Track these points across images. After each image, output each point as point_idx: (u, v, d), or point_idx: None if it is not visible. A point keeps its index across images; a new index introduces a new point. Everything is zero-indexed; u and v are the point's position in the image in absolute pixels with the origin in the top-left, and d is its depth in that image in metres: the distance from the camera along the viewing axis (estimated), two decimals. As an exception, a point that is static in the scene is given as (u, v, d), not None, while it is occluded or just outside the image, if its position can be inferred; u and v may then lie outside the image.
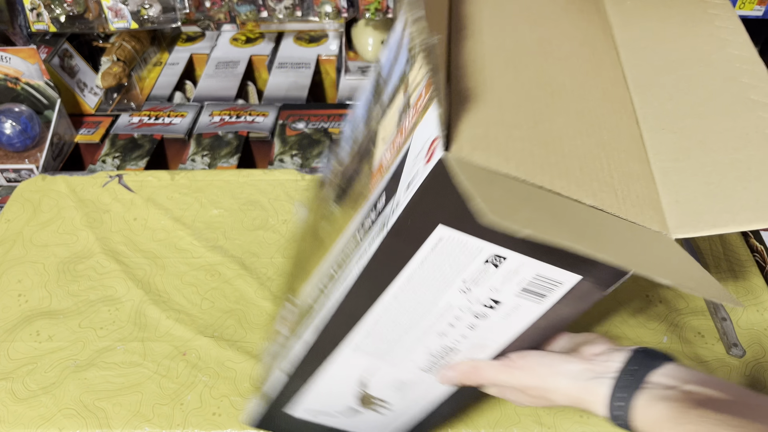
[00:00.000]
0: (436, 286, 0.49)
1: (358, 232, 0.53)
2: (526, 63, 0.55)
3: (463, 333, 0.52)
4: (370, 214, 0.51)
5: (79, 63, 1.35)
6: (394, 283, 0.49)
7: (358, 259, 0.50)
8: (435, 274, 0.48)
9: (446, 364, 0.56)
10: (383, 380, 0.60)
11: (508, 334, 0.52)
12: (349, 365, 0.58)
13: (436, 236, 0.45)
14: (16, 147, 1.19)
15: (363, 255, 0.49)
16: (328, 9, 1.21)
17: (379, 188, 0.51)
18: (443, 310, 0.51)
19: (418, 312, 0.51)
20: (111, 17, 1.19)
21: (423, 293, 0.50)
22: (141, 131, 1.24)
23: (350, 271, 0.51)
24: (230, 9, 1.22)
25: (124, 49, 1.35)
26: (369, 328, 0.54)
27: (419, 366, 0.57)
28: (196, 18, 1.24)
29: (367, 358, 0.57)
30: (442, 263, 0.47)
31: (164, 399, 0.78)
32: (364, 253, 0.49)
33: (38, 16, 1.20)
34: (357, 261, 0.50)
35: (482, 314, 0.50)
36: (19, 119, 1.17)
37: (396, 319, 0.52)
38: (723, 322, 0.82)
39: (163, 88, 1.39)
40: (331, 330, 0.55)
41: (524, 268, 0.45)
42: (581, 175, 0.46)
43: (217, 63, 1.45)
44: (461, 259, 0.46)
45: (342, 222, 0.60)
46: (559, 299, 0.48)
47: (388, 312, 0.52)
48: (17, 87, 1.21)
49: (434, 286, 0.49)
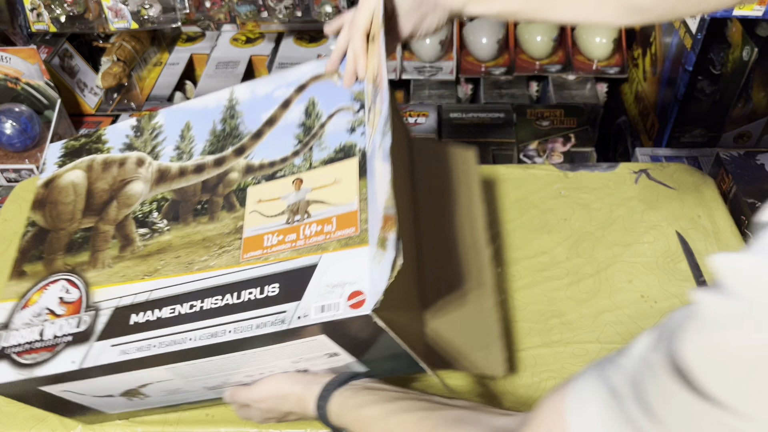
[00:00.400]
0: (279, 353, 0.62)
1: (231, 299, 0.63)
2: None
3: (261, 373, 0.66)
4: (247, 294, 0.62)
5: (79, 63, 1.35)
6: (254, 349, 0.61)
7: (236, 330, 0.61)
8: (288, 350, 0.61)
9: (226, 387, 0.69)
10: (165, 386, 0.67)
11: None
12: (148, 375, 0.65)
13: (317, 338, 0.59)
14: (17, 147, 1.19)
15: (238, 330, 0.60)
16: (328, 9, 1.20)
17: (266, 272, 0.62)
18: (265, 364, 0.63)
19: (250, 362, 0.63)
20: (111, 17, 1.20)
21: (264, 356, 0.62)
22: (141, 131, 1.24)
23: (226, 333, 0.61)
24: (230, 9, 1.22)
25: (124, 49, 1.35)
26: (202, 363, 0.63)
27: (207, 386, 0.67)
28: (197, 18, 1.24)
29: (172, 374, 0.64)
30: (301, 348, 0.61)
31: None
32: (239, 329, 0.60)
33: (38, 16, 1.20)
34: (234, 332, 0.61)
35: (286, 368, 0.65)
36: (19, 119, 1.17)
37: (228, 364, 0.63)
38: None
39: (163, 88, 1.39)
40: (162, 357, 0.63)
41: (344, 357, 0.62)
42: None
43: (217, 63, 1.45)
44: (317, 350, 0.61)
45: (176, 244, 0.70)
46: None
47: (229, 359, 0.63)
48: (17, 87, 1.21)
49: (278, 353, 0.62)
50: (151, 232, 0.72)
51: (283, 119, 0.74)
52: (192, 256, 0.69)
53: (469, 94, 1.43)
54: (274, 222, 0.66)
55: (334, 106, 0.71)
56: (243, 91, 0.78)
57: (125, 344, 0.63)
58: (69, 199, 0.78)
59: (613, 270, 0.89)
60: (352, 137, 0.68)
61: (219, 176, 0.73)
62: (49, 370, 0.63)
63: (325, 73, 0.74)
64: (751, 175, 1.01)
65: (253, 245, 0.65)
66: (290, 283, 0.60)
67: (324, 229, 0.62)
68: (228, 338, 0.60)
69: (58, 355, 0.64)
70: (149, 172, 0.77)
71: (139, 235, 0.73)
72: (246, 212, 0.68)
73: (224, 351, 0.62)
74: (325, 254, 0.60)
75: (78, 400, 0.69)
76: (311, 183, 0.67)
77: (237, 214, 0.69)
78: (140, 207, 0.75)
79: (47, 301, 0.69)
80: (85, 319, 0.67)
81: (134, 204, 0.76)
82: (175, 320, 0.63)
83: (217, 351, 0.62)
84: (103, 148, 0.81)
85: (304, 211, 0.65)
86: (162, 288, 0.67)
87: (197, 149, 0.76)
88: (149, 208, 0.74)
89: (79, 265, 0.72)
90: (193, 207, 0.73)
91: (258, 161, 0.72)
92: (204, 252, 0.68)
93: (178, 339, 0.62)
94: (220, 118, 0.77)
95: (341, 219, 0.62)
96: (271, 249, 0.64)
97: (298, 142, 0.71)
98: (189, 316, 0.63)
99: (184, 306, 0.64)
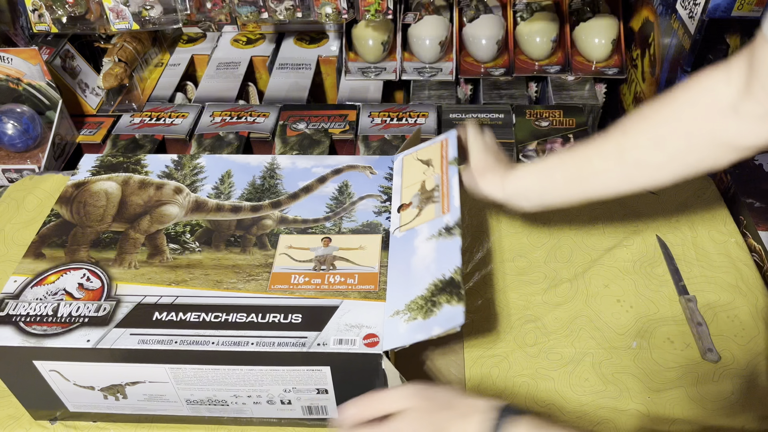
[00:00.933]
0: (280, 377, 0.67)
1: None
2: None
3: (249, 396, 0.70)
4: (272, 317, 0.67)
5: (80, 64, 1.35)
6: (263, 367, 0.66)
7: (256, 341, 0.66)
8: (290, 376, 0.67)
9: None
10: (151, 389, 0.69)
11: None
12: (146, 372, 0.67)
13: (322, 370, 0.66)
14: (18, 147, 1.19)
15: (261, 344, 0.65)
16: (329, 10, 1.21)
17: (291, 303, 0.69)
18: (260, 386, 0.68)
19: (248, 380, 0.67)
20: (112, 18, 1.20)
21: (266, 377, 0.67)
22: (142, 132, 1.25)
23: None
24: (231, 10, 1.23)
25: (125, 50, 1.35)
26: (205, 371, 0.67)
27: (190, 398, 0.70)
28: (197, 19, 1.24)
29: (170, 376, 0.67)
30: (303, 376, 0.67)
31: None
32: (261, 342, 0.65)
33: (40, 17, 1.21)
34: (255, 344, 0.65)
35: (275, 395, 0.70)
36: (21, 120, 1.18)
37: (227, 378, 0.67)
38: (698, 327, 0.82)
39: (164, 88, 1.40)
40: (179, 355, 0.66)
41: (329, 397, 0.69)
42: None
43: (218, 64, 1.46)
44: (313, 382, 0.67)
45: (206, 264, 0.74)
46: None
47: (232, 372, 0.67)
48: (19, 88, 1.22)
49: (279, 377, 0.67)
50: (182, 249, 0.76)
51: (319, 191, 0.83)
52: (221, 276, 0.72)
53: (468, 95, 1.43)
54: (302, 266, 0.73)
55: (364, 192, 0.82)
56: (284, 161, 0.87)
57: (145, 335, 0.66)
58: (100, 203, 0.82)
59: (590, 274, 0.90)
60: (378, 218, 0.79)
61: (254, 219, 0.79)
62: (58, 344, 0.65)
63: (358, 166, 0.86)
64: (750, 174, 1.02)
65: (281, 280, 0.72)
66: (312, 317, 0.67)
67: (347, 281, 0.71)
68: (249, 349, 0.65)
69: (72, 332, 0.66)
70: (186, 201, 0.82)
71: (170, 249, 0.76)
72: (276, 253, 0.75)
73: (241, 362, 0.66)
74: (346, 300, 0.69)
75: (58, 385, 0.70)
76: (339, 243, 0.76)
77: (268, 252, 0.75)
78: (173, 227, 0.79)
79: (66, 284, 0.72)
80: (104, 307, 0.69)
81: (167, 223, 0.79)
82: (199, 325, 0.67)
83: (234, 360, 0.65)
84: (141, 170, 0.86)
85: (330, 263, 0.73)
86: (188, 296, 0.70)
87: (235, 194, 0.83)
88: (182, 230, 0.78)
89: (104, 260, 0.75)
90: (227, 238, 0.78)
91: (292, 216, 0.80)
92: (233, 276, 0.72)
93: (201, 341, 0.65)
94: (260, 175, 0.85)
95: (363, 276, 0.71)
96: (297, 286, 0.71)
97: (329, 210, 0.80)
98: (213, 324, 0.67)
99: (209, 315, 0.68)
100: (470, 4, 1.43)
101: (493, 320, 0.85)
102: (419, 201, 0.77)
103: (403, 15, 1.40)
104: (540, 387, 0.78)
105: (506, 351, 0.82)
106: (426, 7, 1.42)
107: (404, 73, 1.40)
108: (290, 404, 0.70)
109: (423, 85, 1.39)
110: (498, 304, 0.87)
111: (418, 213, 0.76)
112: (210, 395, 0.70)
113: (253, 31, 1.55)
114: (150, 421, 0.75)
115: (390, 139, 1.20)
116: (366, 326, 0.66)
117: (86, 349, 0.65)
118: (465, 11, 1.43)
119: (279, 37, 1.53)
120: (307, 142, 1.20)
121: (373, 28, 1.37)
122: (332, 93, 1.52)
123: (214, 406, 0.71)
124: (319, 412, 0.71)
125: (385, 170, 0.85)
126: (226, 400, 0.70)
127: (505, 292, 0.89)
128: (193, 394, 0.70)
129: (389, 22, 1.39)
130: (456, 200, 0.73)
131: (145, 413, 0.74)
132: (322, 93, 1.53)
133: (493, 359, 0.81)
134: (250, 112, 1.27)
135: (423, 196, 0.77)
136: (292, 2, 1.20)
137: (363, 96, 1.36)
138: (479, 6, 1.43)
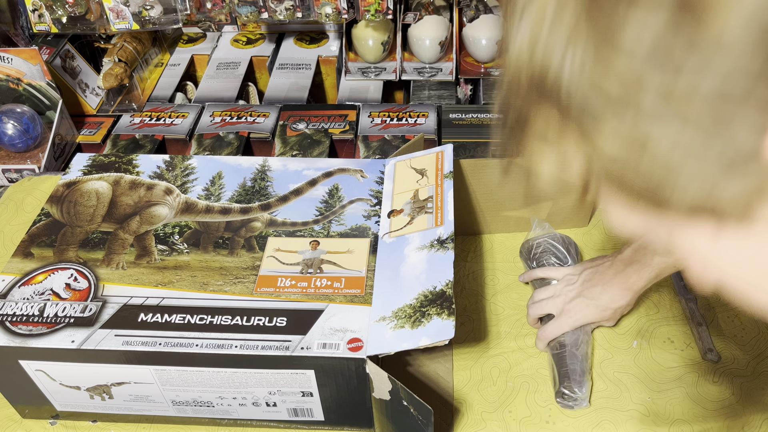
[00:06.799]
0: (264, 380, 0.67)
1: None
2: None
3: (234, 398, 0.70)
4: (256, 320, 0.68)
5: (80, 64, 1.35)
6: (247, 370, 0.66)
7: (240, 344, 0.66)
8: (275, 378, 0.67)
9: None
10: (137, 390, 0.70)
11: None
12: (132, 372, 0.67)
13: (306, 373, 0.66)
14: (18, 147, 1.19)
15: (245, 347, 0.65)
16: (329, 10, 1.21)
17: (276, 306, 0.69)
18: (245, 388, 0.68)
19: (233, 383, 0.68)
20: (112, 18, 1.20)
21: (250, 379, 0.67)
22: (142, 132, 1.25)
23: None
24: (231, 10, 1.23)
25: (125, 50, 1.35)
26: (189, 373, 0.67)
27: (176, 399, 0.71)
28: (197, 19, 1.24)
29: (155, 377, 0.68)
30: (287, 379, 0.67)
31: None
32: (244, 345, 0.65)
33: (40, 17, 1.21)
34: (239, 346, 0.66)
35: (260, 397, 0.70)
36: (21, 120, 1.18)
37: (212, 380, 0.68)
38: (699, 327, 0.82)
39: (164, 88, 1.40)
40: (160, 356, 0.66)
41: (314, 399, 0.69)
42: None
43: (218, 64, 1.46)
44: (297, 385, 0.68)
45: (194, 266, 0.75)
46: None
47: (216, 374, 0.67)
48: (19, 88, 1.22)
49: (263, 380, 0.67)
50: (170, 250, 0.77)
51: (309, 193, 0.83)
52: (208, 278, 0.73)
53: (468, 95, 1.43)
54: (289, 269, 0.74)
55: (354, 196, 0.83)
56: (275, 163, 0.88)
57: (130, 336, 0.66)
58: (90, 203, 0.82)
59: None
60: (367, 222, 0.79)
61: (243, 221, 0.80)
62: (43, 344, 0.66)
63: (349, 169, 0.87)
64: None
65: (267, 283, 0.72)
66: (297, 320, 0.68)
67: (333, 285, 0.72)
68: (233, 352, 0.65)
69: (57, 333, 0.67)
70: (176, 202, 0.82)
71: (158, 250, 0.77)
72: (264, 255, 0.76)
73: (225, 364, 0.66)
74: (332, 304, 0.69)
75: (44, 385, 0.71)
76: (327, 247, 0.76)
77: (255, 255, 0.76)
78: (162, 227, 0.79)
79: (53, 284, 0.72)
80: (90, 307, 0.69)
81: (157, 224, 0.80)
82: (184, 327, 0.67)
83: (218, 362, 0.66)
84: (132, 170, 0.86)
85: (317, 267, 0.74)
86: (174, 298, 0.70)
87: (225, 196, 0.83)
88: (171, 231, 0.79)
89: (92, 261, 0.75)
90: (215, 240, 0.78)
91: (281, 219, 0.80)
92: (220, 278, 0.73)
93: (185, 343, 0.65)
94: (251, 177, 0.86)
95: (349, 280, 0.72)
96: (283, 289, 0.71)
97: (319, 214, 0.81)
98: (198, 327, 0.67)
99: (194, 317, 0.68)
100: (470, 4, 1.43)
101: (493, 320, 0.85)
102: (411, 209, 0.78)
103: (403, 15, 1.40)
104: (540, 387, 0.78)
105: (506, 351, 0.82)
106: (426, 7, 1.42)
107: (404, 73, 1.40)
108: (275, 406, 0.71)
109: (423, 85, 1.39)
110: (498, 304, 0.87)
111: (409, 221, 0.76)
112: (195, 396, 0.70)
113: (253, 31, 1.55)
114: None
115: (390, 139, 1.20)
116: (350, 330, 0.67)
117: (71, 350, 0.65)
118: (465, 11, 1.43)
119: (279, 37, 1.53)
120: (307, 142, 1.20)
121: (373, 28, 1.37)
122: (332, 93, 1.52)
123: (199, 407, 0.72)
124: (305, 414, 0.72)
125: (377, 174, 0.85)
126: (212, 401, 0.71)
127: (506, 291, 0.89)
128: (178, 395, 0.70)
129: (389, 22, 1.39)
130: (450, 215, 0.74)
131: (132, 413, 0.74)
132: (322, 93, 1.53)
133: (493, 359, 0.81)
134: (250, 112, 1.27)
135: (415, 204, 0.78)
136: (292, 2, 1.20)
137: (363, 96, 1.36)
138: (479, 6, 1.43)
